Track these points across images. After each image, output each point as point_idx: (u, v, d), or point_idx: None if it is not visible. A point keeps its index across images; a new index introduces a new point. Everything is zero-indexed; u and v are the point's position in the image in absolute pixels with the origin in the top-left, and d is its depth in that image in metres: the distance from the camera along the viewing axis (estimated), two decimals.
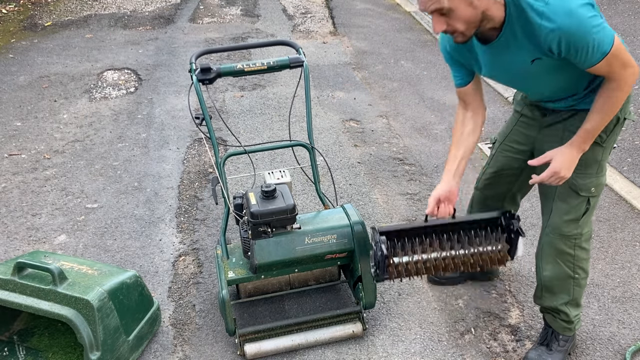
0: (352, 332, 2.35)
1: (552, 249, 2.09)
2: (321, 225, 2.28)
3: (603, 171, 2.00)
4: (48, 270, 2.05)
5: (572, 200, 2.01)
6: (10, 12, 7.18)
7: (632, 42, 5.64)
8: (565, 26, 1.59)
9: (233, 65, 2.46)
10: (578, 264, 2.09)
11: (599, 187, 2.00)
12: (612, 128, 1.92)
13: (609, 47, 1.64)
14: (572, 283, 2.11)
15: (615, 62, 1.69)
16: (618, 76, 1.73)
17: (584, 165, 1.93)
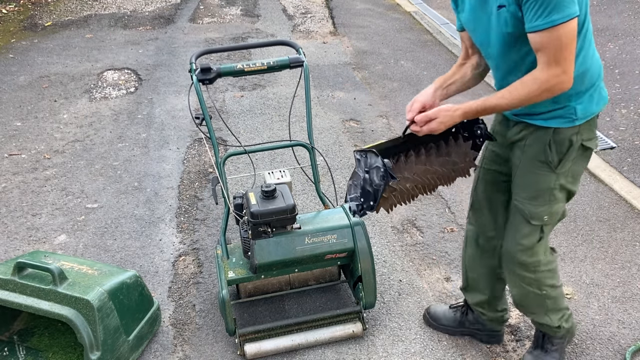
0: (352, 332, 2.35)
1: (513, 275, 2.01)
2: (321, 225, 2.28)
3: (559, 198, 1.85)
4: (48, 270, 2.05)
5: (523, 227, 1.90)
6: (10, 12, 7.18)
7: (632, 42, 5.64)
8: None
9: (233, 65, 2.46)
10: (543, 282, 1.99)
11: (554, 216, 1.88)
12: (564, 152, 1.77)
13: (558, 21, 1.49)
14: (543, 297, 2.02)
15: (551, 47, 1.54)
16: (544, 65, 1.57)
17: (534, 194, 1.84)
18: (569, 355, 2.29)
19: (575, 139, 1.76)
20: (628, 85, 4.73)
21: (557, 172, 1.80)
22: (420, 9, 7.42)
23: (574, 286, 2.65)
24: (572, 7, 1.50)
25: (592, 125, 1.80)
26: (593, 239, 2.97)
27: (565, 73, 1.57)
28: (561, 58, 1.55)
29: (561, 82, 1.58)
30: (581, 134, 1.77)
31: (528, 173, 1.84)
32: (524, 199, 1.87)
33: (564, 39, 1.52)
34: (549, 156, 1.78)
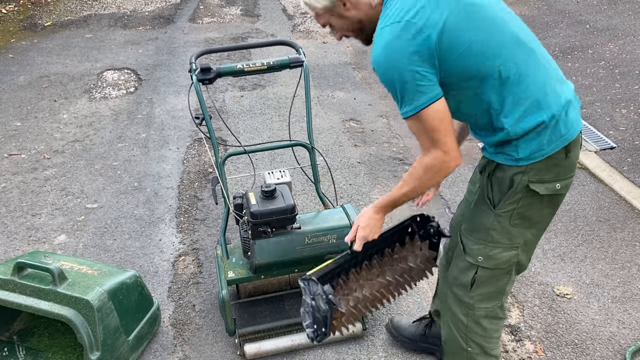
0: (352, 332, 2.34)
1: (446, 307, 1.89)
2: (321, 225, 2.28)
3: (499, 245, 1.68)
4: (48, 270, 2.05)
5: (460, 261, 1.78)
6: (10, 12, 7.18)
7: (632, 42, 5.64)
8: (378, 57, 1.49)
9: (233, 65, 2.46)
10: (471, 337, 1.83)
11: (490, 260, 1.70)
12: (505, 191, 1.62)
13: (413, 112, 1.49)
14: (465, 355, 1.88)
15: (420, 132, 1.53)
16: (423, 149, 1.56)
17: (472, 225, 1.73)
18: (569, 355, 2.29)
19: (518, 179, 1.58)
20: (628, 85, 4.73)
21: (496, 212, 1.65)
22: None
23: (574, 286, 2.65)
24: (424, 97, 1.46)
25: (549, 166, 1.57)
26: (593, 239, 2.97)
27: (446, 153, 1.52)
28: (435, 140, 1.51)
29: (445, 162, 1.53)
30: (528, 174, 1.57)
31: (475, 205, 1.74)
32: (465, 230, 1.76)
33: (428, 124, 1.49)
34: (488, 193, 1.66)
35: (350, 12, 1.60)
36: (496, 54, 1.49)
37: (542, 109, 1.52)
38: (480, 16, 1.49)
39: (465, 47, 1.46)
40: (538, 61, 1.55)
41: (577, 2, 7.17)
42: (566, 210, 3.21)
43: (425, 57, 1.44)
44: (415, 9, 1.46)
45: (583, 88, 4.76)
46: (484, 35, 1.48)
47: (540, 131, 1.53)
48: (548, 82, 1.55)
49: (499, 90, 1.51)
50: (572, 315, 2.48)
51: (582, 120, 4.22)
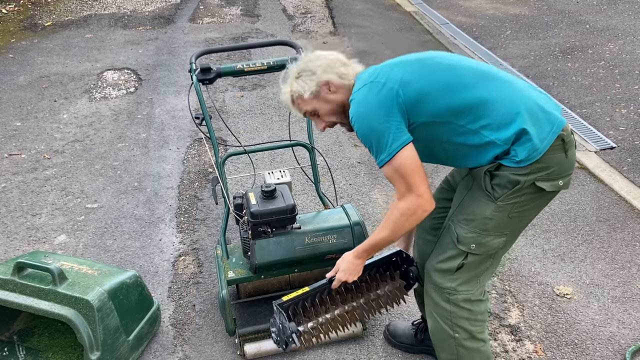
0: (352, 332, 2.34)
1: (428, 297, 1.93)
2: (321, 225, 2.28)
3: (492, 233, 1.75)
4: (48, 270, 2.05)
5: (448, 249, 1.83)
6: (10, 12, 7.18)
7: (632, 42, 5.64)
8: (354, 115, 1.69)
9: (233, 65, 2.46)
10: (456, 322, 1.86)
11: (482, 247, 1.77)
12: (510, 188, 1.68)
13: (387, 158, 1.64)
14: (453, 343, 1.90)
15: (396, 178, 1.67)
16: (399, 194, 1.69)
17: (469, 216, 1.77)
18: (569, 355, 2.29)
19: (524, 179, 1.67)
20: (628, 85, 4.73)
21: (497, 204, 1.72)
22: (420, 9, 7.42)
23: (574, 286, 2.65)
24: (394, 143, 1.63)
25: (552, 165, 1.67)
26: (593, 239, 2.97)
27: (420, 196, 1.66)
28: (409, 185, 1.65)
29: (420, 205, 1.67)
30: (534, 173, 1.67)
31: (473, 198, 1.79)
32: (459, 221, 1.81)
33: (401, 170, 1.65)
34: (486, 187, 1.72)
35: (334, 95, 1.80)
36: (462, 87, 1.67)
37: (516, 118, 1.64)
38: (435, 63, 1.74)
39: (431, 90, 1.66)
40: (501, 81, 1.71)
41: (577, 2, 7.17)
42: (566, 210, 3.21)
43: (392, 106, 1.64)
44: (377, 73, 1.71)
45: (583, 88, 4.77)
46: (443, 77, 1.69)
47: (526, 134, 1.63)
48: (514, 96, 1.68)
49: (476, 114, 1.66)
50: (572, 315, 2.48)
51: (582, 120, 4.24)
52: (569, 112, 4.35)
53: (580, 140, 3.94)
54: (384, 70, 1.72)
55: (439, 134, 1.71)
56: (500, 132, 1.64)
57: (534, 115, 1.66)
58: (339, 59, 1.84)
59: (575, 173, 3.58)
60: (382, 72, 1.71)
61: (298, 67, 1.84)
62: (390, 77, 1.67)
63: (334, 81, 1.79)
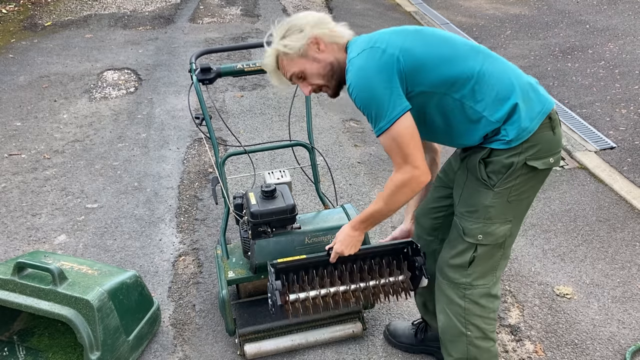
0: (352, 332, 2.34)
1: (441, 294, 1.90)
2: (321, 225, 2.28)
3: (496, 220, 1.75)
4: (48, 270, 2.05)
5: (458, 244, 1.82)
6: (10, 12, 7.18)
7: (632, 42, 5.64)
8: (353, 81, 1.64)
9: (233, 65, 2.46)
10: (470, 319, 1.85)
11: (489, 237, 1.76)
12: (504, 172, 1.68)
13: (385, 127, 1.61)
14: (465, 341, 1.88)
15: (393, 148, 1.64)
16: (395, 165, 1.67)
17: (471, 208, 1.77)
18: (569, 355, 2.29)
19: (516, 160, 1.67)
20: (628, 85, 4.73)
21: (495, 190, 1.72)
22: (420, 9, 7.42)
23: (574, 286, 2.65)
24: (394, 110, 1.59)
25: (541, 143, 1.68)
26: (593, 239, 2.97)
27: (416, 168, 1.63)
28: (406, 155, 1.63)
29: (415, 177, 1.64)
30: (524, 153, 1.67)
31: (471, 189, 1.78)
32: (462, 214, 1.80)
33: (399, 139, 1.62)
34: (481, 175, 1.73)
35: (323, 54, 1.74)
36: (459, 58, 1.66)
37: (511, 94, 1.65)
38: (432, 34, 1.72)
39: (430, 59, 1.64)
40: (495, 58, 1.72)
41: (577, 2, 7.17)
42: (566, 210, 3.21)
43: (393, 73, 1.60)
44: (376, 38, 1.67)
45: (583, 88, 4.77)
46: (441, 48, 1.68)
47: (517, 112, 1.64)
48: (507, 72, 1.69)
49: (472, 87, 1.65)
50: (572, 315, 2.48)
51: (582, 120, 4.24)
52: (569, 112, 4.35)
53: (580, 140, 3.94)
54: (383, 37, 1.67)
55: (434, 105, 1.69)
56: (494, 108, 1.65)
57: (525, 93, 1.67)
58: (325, 18, 1.77)
59: (575, 173, 3.58)
60: (381, 38, 1.66)
61: (284, 26, 1.75)
62: (391, 44, 1.63)
63: (323, 38, 1.73)
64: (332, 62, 1.74)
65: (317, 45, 1.73)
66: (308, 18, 1.74)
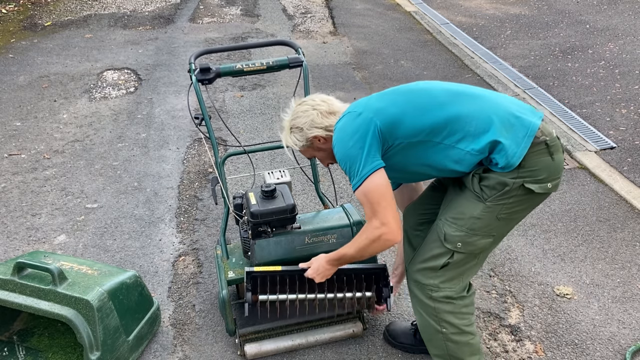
0: (352, 332, 2.34)
1: (412, 295, 1.98)
2: (321, 225, 2.28)
3: (479, 233, 1.79)
4: (48, 270, 2.05)
5: (435, 247, 1.86)
6: (10, 12, 7.18)
7: (632, 42, 5.64)
8: (334, 141, 1.81)
9: (232, 65, 2.46)
10: (442, 317, 1.90)
11: (468, 246, 1.81)
12: (499, 189, 1.73)
13: (359, 182, 1.72)
14: (441, 338, 1.93)
15: (365, 203, 1.74)
16: (367, 219, 1.77)
17: (457, 215, 1.81)
18: (569, 355, 2.29)
19: (513, 181, 1.72)
20: (628, 85, 4.73)
21: (486, 204, 1.76)
22: (420, 9, 7.42)
23: (574, 286, 2.65)
24: (365, 168, 1.71)
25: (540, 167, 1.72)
26: (593, 239, 2.97)
27: (384, 225, 1.71)
28: (375, 211, 1.72)
29: (383, 233, 1.73)
30: (522, 177, 1.72)
31: (462, 197, 1.84)
32: (447, 219, 1.85)
33: (369, 195, 1.72)
34: (474, 187, 1.78)
35: (325, 144, 1.93)
36: (435, 106, 1.75)
37: (489, 127, 1.71)
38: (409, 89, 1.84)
39: (406, 113, 1.75)
40: (474, 96, 1.80)
41: (577, 2, 7.17)
42: (566, 210, 3.21)
43: (367, 134, 1.72)
44: (356, 104, 1.83)
45: (583, 88, 4.77)
46: (418, 99, 1.78)
47: (500, 142, 1.70)
48: (484, 109, 1.75)
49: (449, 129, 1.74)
50: (572, 315, 2.48)
51: (582, 120, 4.24)
52: (569, 112, 4.35)
53: (580, 140, 3.93)
54: (362, 102, 1.83)
55: (419, 154, 1.78)
56: (475, 143, 1.71)
57: (506, 122, 1.72)
58: (321, 112, 1.91)
59: (575, 173, 3.58)
60: (360, 103, 1.83)
61: (289, 121, 1.96)
62: (367, 107, 1.79)
63: (321, 134, 1.90)
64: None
65: (318, 140, 1.92)
66: (306, 118, 1.91)
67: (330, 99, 1.98)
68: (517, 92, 4.77)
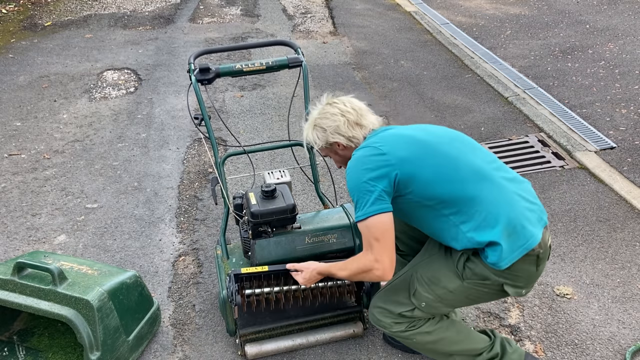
0: (352, 332, 2.34)
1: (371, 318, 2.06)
2: (321, 224, 2.28)
3: (446, 302, 1.90)
4: (48, 270, 2.05)
5: (400, 294, 1.95)
6: (10, 12, 7.18)
7: (632, 42, 5.64)
8: (348, 168, 1.83)
9: (232, 65, 2.46)
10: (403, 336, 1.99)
11: (430, 309, 1.91)
12: (479, 279, 1.82)
13: (363, 216, 1.74)
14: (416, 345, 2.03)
15: (364, 235, 1.78)
16: (364, 250, 1.80)
17: (433, 279, 1.88)
18: (569, 355, 2.29)
19: (495, 278, 1.80)
20: (628, 85, 4.73)
21: (463, 284, 1.85)
22: (420, 9, 7.41)
23: (574, 286, 2.65)
24: (372, 206, 1.72)
25: (523, 274, 1.80)
26: (593, 239, 2.97)
27: (378, 262, 1.75)
28: (373, 247, 1.75)
29: (374, 268, 1.77)
30: (505, 278, 1.80)
31: (442, 265, 1.89)
32: (422, 276, 1.91)
33: (372, 230, 1.74)
34: (457, 264, 1.84)
35: (343, 151, 1.97)
36: (457, 181, 1.76)
37: (496, 224, 1.74)
38: (437, 152, 1.79)
39: (428, 175, 1.75)
40: (496, 184, 1.79)
41: (577, 2, 7.17)
42: (566, 210, 3.21)
43: (383, 176, 1.73)
44: (384, 140, 1.82)
45: (583, 88, 4.76)
46: (443, 168, 1.77)
47: (500, 242, 1.73)
48: (500, 202, 1.77)
49: (461, 209, 1.76)
50: (572, 315, 2.48)
51: (582, 120, 4.24)
52: (569, 112, 4.35)
53: (580, 140, 3.93)
54: (390, 140, 1.81)
55: (423, 214, 1.82)
56: (476, 234, 1.75)
57: (511, 228, 1.75)
58: (349, 120, 1.90)
59: (575, 173, 3.58)
60: (388, 141, 1.81)
61: (315, 118, 1.96)
62: (392, 150, 1.78)
63: (342, 142, 1.92)
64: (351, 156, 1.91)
65: (338, 145, 1.95)
66: (333, 122, 1.91)
67: (361, 107, 1.96)
68: (517, 92, 4.77)
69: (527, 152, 3.86)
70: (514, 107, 4.52)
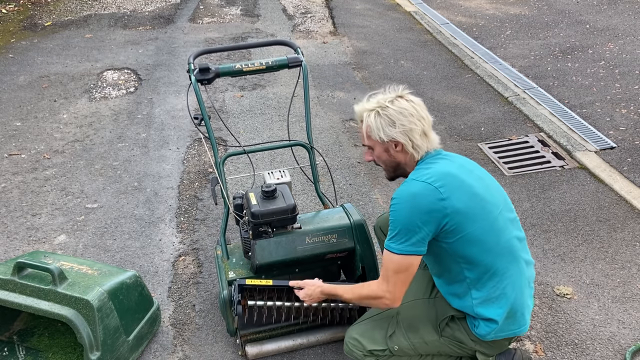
0: None
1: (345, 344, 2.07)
2: (321, 224, 2.28)
3: (420, 351, 1.93)
4: (48, 270, 2.05)
5: (378, 332, 1.95)
6: (10, 12, 7.18)
7: (632, 42, 5.64)
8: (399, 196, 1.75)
9: (232, 65, 2.45)
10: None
11: (400, 354, 1.93)
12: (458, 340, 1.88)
13: (394, 250, 1.73)
14: None
15: (385, 264, 1.78)
16: (380, 278, 1.81)
17: (412, 327, 1.92)
18: (569, 355, 2.29)
19: (472, 345, 1.87)
20: (628, 85, 4.73)
21: (440, 339, 1.90)
22: (420, 9, 7.41)
23: (574, 286, 2.65)
24: (410, 248, 1.71)
25: (495, 347, 1.89)
26: (593, 239, 2.97)
27: (389, 292, 1.76)
28: (389, 279, 1.76)
29: (384, 298, 1.79)
30: (482, 347, 1.87)
31: (425, 316, 1.93)
32: (403, 321, 1.94)
33: (397, 265, 1.74)
34: (442, 322, 1.89)
35: (397, 153, 1.84)
36: (492, 252, 1.76)
37: (505, 305, 1.80)
38: (489, 215, 1.76)
39: (472, 236, 1.72)
40: (519, 267, 1.83)
41: (577, 2, 7.17)
42: (566, 210, 3.21)
43: (433, 220, 1.69)
44: (445, 180, 1.72)
45: (583, 88, 4.76)
46: (485, 235, 1.74)
47: (497, 321, 1.80)
48: (516, 287, 1.82)
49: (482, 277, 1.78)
50: (572, 315, 2.48)
51: (582, 120, 4.24)
52: (569, 112, 4.35)
53: (580, 140, 3.93)
54: (451, 184, 1.72)
55: (446, 262, 1.81)
56: (482, 306, 1.79)
57: (514, 311, 1.82)
58: (424, 128, 1.80)
59: (575, 173, 3.58)
60: (449, 184, 1.72)
61: (384, 105, 1.79)
62: (451, 197, 1.70)
63: (405, 145, 1.80)
64: (400, 162, 1.86)
65: (396, 145, 1.82)
66: (407, 123, 1.78)
67: (429, 117, 1.83)
68: (517, 92, 4.77)
69: (527, 152, 3.86)
70: (514, 107, 4.52)
